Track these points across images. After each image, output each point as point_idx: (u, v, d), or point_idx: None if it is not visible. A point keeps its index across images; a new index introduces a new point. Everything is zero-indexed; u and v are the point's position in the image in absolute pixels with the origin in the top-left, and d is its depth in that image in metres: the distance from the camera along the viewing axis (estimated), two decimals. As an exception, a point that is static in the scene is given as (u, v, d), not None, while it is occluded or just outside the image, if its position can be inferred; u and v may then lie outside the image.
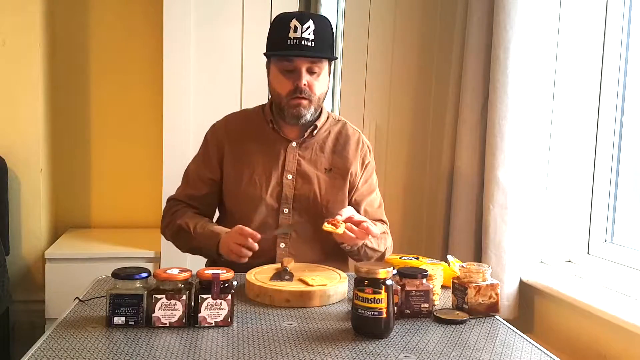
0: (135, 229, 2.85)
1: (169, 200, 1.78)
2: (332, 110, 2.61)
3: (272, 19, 1.68)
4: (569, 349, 1.93)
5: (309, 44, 1.58)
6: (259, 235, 1.50)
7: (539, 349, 1.16)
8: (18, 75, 2.53)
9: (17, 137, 2.55)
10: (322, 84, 1.65)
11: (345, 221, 1.51)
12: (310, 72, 1.61)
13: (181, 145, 2.41)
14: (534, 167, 2.21)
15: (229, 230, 1.59)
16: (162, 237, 1.79)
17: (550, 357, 1.12)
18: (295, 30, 1.58)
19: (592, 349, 1.85)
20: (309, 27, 1.58)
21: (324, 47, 1.62)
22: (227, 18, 2.46)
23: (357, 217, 1.57)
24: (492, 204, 2.18)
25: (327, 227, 1.47)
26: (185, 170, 1.79)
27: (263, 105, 1.78)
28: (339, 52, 2.65)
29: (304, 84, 1.60)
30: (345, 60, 2.67)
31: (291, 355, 1.07)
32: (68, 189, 2.84)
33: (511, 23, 2.12)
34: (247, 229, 1.51)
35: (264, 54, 1.68)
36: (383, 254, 1.72)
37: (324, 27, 1.63)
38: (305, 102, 1.62)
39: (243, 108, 1.87)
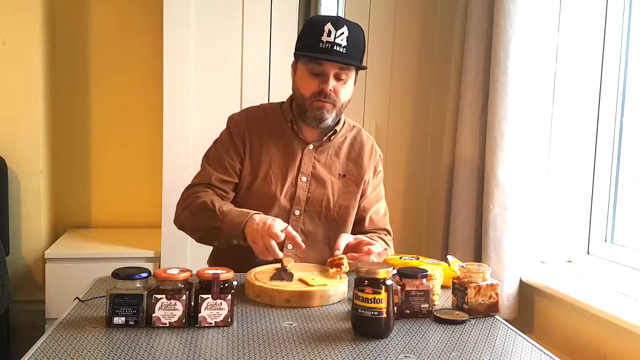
0: (135, 229, 2.85)
1: (189, 187, 1.68)
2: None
3: (308, 19, 1.66)
4: (569, 349, 1.93)
5: (341, 49, 1.57)
6: (281, 236, 1.44)
7: (539, 349, 1.16)
8: (18, 75, 2.53)
9: (17, 137, 2.55)
10: (348, 91, 1.65)
11: (344, 252, 1.50)
12: (338, 78, 1.60)
13: (181, 145, 2.42)
14: (534, 167, 2.22)
15: (260, 213, 1.53)
16: (175, 225, 1.69)
17: (550, 357, 1.12)
18: (329, 35, 1.56)
19: (592, 349, 1.85)
20: (342, 32, 1.57)
21: (355, 54, 1.60)
22: (227, 18, 2.46)
23: (353, 240, 1.55)
24: (492, 204, 2.18)
25: (332, 271, 1.47)
26: (206, 157, 1.72)
27: (281, 103, 1.76)
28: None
29: (330, 89, 1.59)
30: (345, 60, 2.67)
31: (291, 355, 1.07)
32: (68, 189, 2.84)
33: (511, 23, 2.12)
34: (277, 229, 1.44)
35: (294, 53, 1.66)
36: None
37: (357, 35, 1.62)
38: (329, 105, 1.61)
39: (247, 106, 1.84)
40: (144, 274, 1.21)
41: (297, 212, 1.67)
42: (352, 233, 1.71)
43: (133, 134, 2.85)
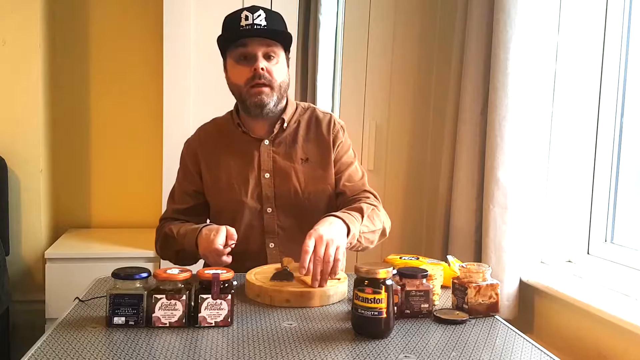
0: (135, 229, 2.85)
1: (160, 220, 1.77)
2: (332, 111, 2.62)
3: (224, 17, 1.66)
4: (569, 349, 1.93)
5: (262, 28, 1.56)
6: (224, 250, 1.46)
7: (539, 349, 1.16)
8: (18, 75, 2.53)
9: (17, 137, 2.55)
10: (282, 70, 1.62)
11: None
12: (267, 57, 1.59)
13: (181, 146, 2.40)
14: (534, 167, 2.21)
15: (208, 225, 1.57)
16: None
17: (550, 357, 1.12)
18: (247, 19, 1.56)
19: (592, 349, 1.85)
20: (259, 15, 1.57)
21: (277, 31, 1.60)
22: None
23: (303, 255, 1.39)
24: (492, 204, 2.18)
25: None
26: (171, 191, 1.80)
27: (232, 111, 1.76)
28: (338, 52, 2.65)
29: (262, 69, 1.56)
30: (345, 60, 2.67)
31: (291, 355, 1.07)
32: (68, 189, 2.84)
33: (511, 23, 2.12)
34: (217, 244, 1.45)
35: (219, 47, 1.64)
36: (383, 230, 1.67)
37: (275, 15, 1.62)
38: (266, 89, 1.58)
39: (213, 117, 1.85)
40: (144, 274, 1.21)
41: (269, 210, 1.66)
42: (335, 206, 1.67)
43: (133, 133, 2.85)
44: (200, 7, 2.43)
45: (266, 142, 1.68)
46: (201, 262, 1.81)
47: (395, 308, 1.24)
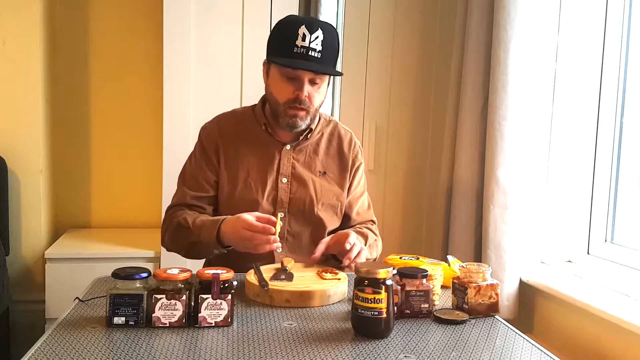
0: (135, 229, 2.85)
1: (169, 208, 1.71)
2: (332, 111, 2.61)
3: (279, 20, 1.61)
4: (569, 349, 1.93)
5: (316, 54, 1.53)
6: (273, 218, 1.46)
7: (539, 349, 1.16)
8: (18, 75, 2.53)
9: (17, 137, 2.55)
10: (321, 95, 1.62)
11: (326, 252, 1.56)
12: (312, 82, 1.57)
13: (181, 146, 2.40)
14: (534, 167, 2.22)
15: (231, 216, 1.52)
16: (164, 248, 1.73)
17: (550, 357, 1.12)
18: (304, 39, 1.52)
19: (592, 349, 1.85)
20: (317, 37, 1.53)
21: (330, 59, 1.57)
22: (227, 18, 2.46)
23: (329, 239, 1.57)
24: (492, 204, 2.18)
25: (327, 276, 1.48)
26: (182, 175, 1.73)
27: (253, 106, 1.74)
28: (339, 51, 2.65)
29: (305, 95, 1.56)
30: (345, 60, 2.67)
31: (291, 355, 1.07)
32: (68, 189, 2.84)
33: (511, 23, 2.12)
34: (261, 216, 1.46)
35: (268, 58, 1.62)
36: (375, 259, 1.76)
37: (332, 37, 1.57)
38: (302, 113, 1.58)
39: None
40: (144, 274, 1.21)
41: (282, 215, 1.65)
42: (340, 229, 1.70)
43: (133, 134, 2.85)
44: (201, 6, 2.43)
45: (288, 147, 1.68)
46: (201, 261, 1.81)
47: (395, 308, 1.24)
